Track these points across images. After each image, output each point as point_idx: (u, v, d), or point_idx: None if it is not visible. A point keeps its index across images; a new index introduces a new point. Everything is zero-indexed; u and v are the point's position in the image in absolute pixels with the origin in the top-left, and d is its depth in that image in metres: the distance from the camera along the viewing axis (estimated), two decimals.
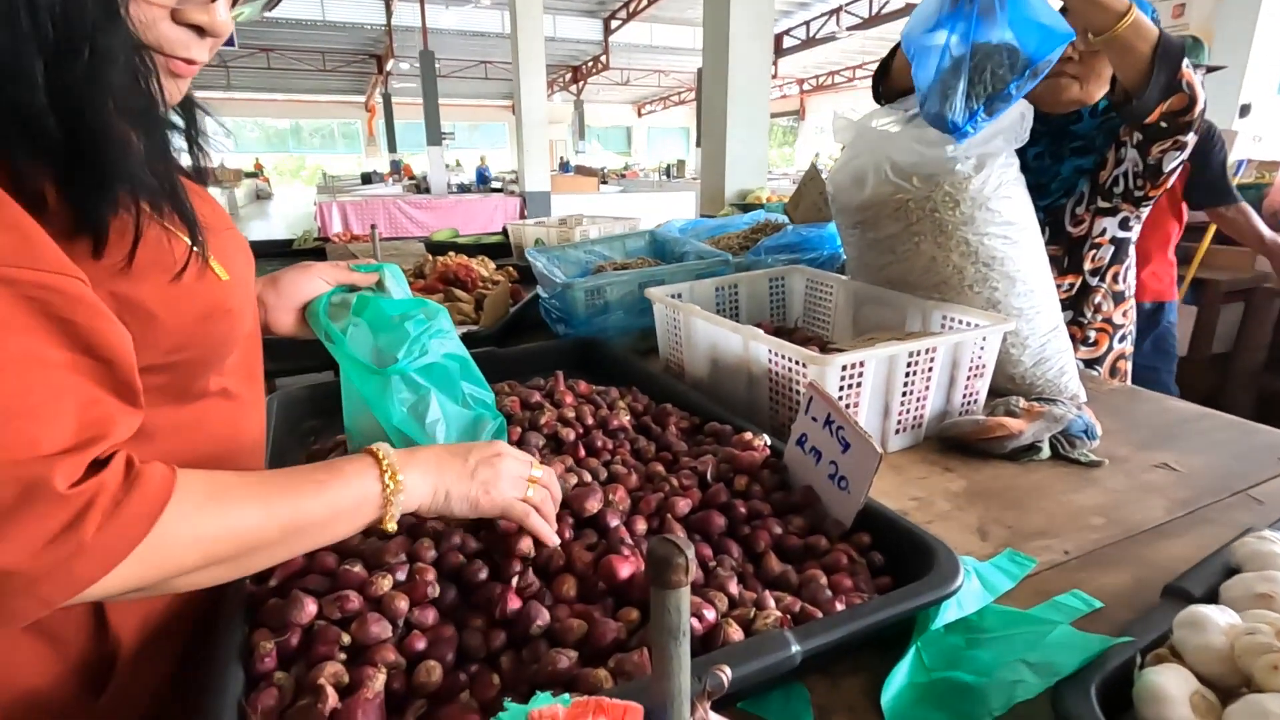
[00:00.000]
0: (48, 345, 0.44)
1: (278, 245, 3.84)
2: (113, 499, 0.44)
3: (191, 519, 0.47)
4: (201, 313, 0.57)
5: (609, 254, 1.86)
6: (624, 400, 1.03)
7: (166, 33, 0.52)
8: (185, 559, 0.48)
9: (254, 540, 0.51)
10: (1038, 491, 0.91)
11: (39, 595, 0.42)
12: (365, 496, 0.56)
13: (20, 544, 0.40)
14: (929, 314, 1.14)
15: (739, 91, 4.34)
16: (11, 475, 0.41)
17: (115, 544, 0.44)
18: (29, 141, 0.44)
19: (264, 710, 0.50)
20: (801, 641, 0.53)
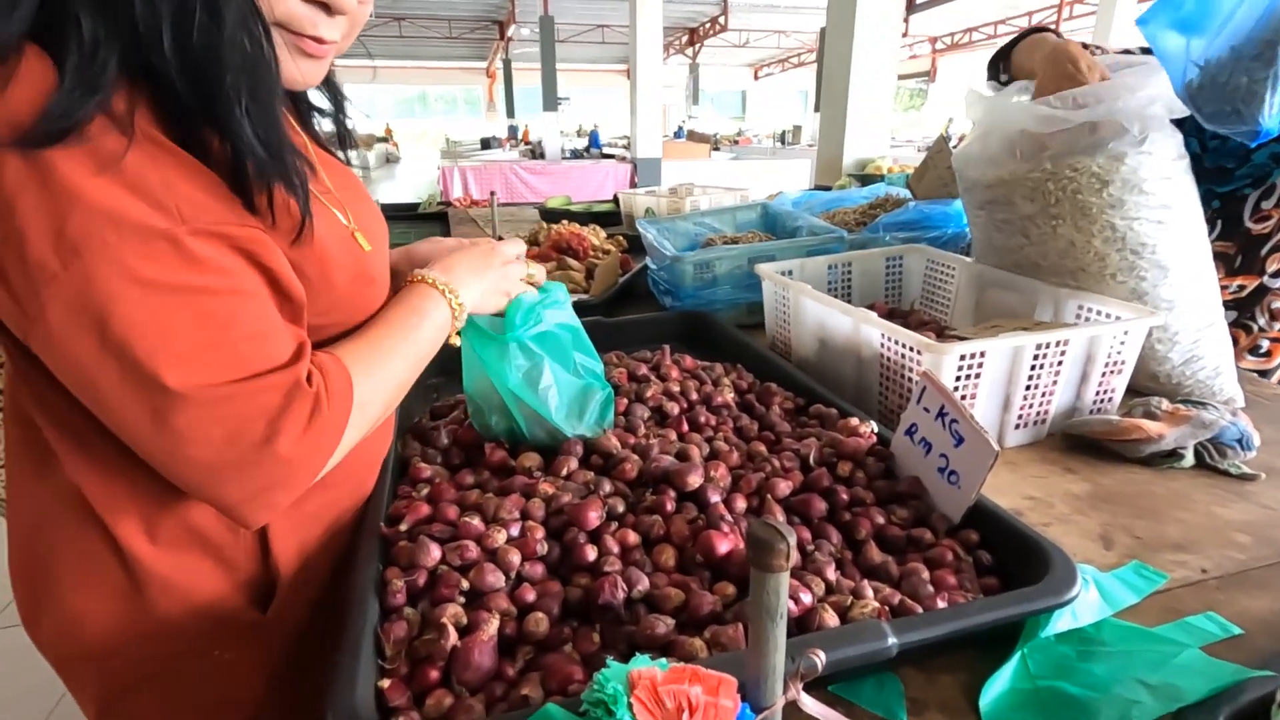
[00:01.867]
0: (261, 286, 0.54)
1: (405, 209, 4.09)
2: (324, 388, 0.55)
3: (366, 385, 0.60)
4: (349, 279, 0.63)
5: (719, 226, 1.85)
6: (728, 377, 1.04)
7: (294, 9, 0.54)
8: (374, 411, 0.61)
9: (403, 380, 0.66)
10: (1175, 502, 0.84)
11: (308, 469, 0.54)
12: (444, 321, 0.70)
13: (293, 435, 0.51)
14: (1062, 303, 1.06)
15: (864, 52, 4.11)
16: (278, 381, 0.51)
17: (339, 418, 0.56)
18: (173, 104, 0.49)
19: (395, 639, 0.56)
20: (899, 634, 0.53)
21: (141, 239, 0.46)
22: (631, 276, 1.76)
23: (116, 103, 0.47)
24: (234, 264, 0.51)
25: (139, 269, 0.46)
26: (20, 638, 0.68)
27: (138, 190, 0.46)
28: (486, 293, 0.76)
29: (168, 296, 0.47)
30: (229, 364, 0.50)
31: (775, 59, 20.60)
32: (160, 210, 0.47)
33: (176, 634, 0.62)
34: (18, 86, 0.44)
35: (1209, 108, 0.90)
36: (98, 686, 0.65)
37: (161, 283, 0.47)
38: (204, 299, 0.49)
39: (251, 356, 0.51)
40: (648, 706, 0.42)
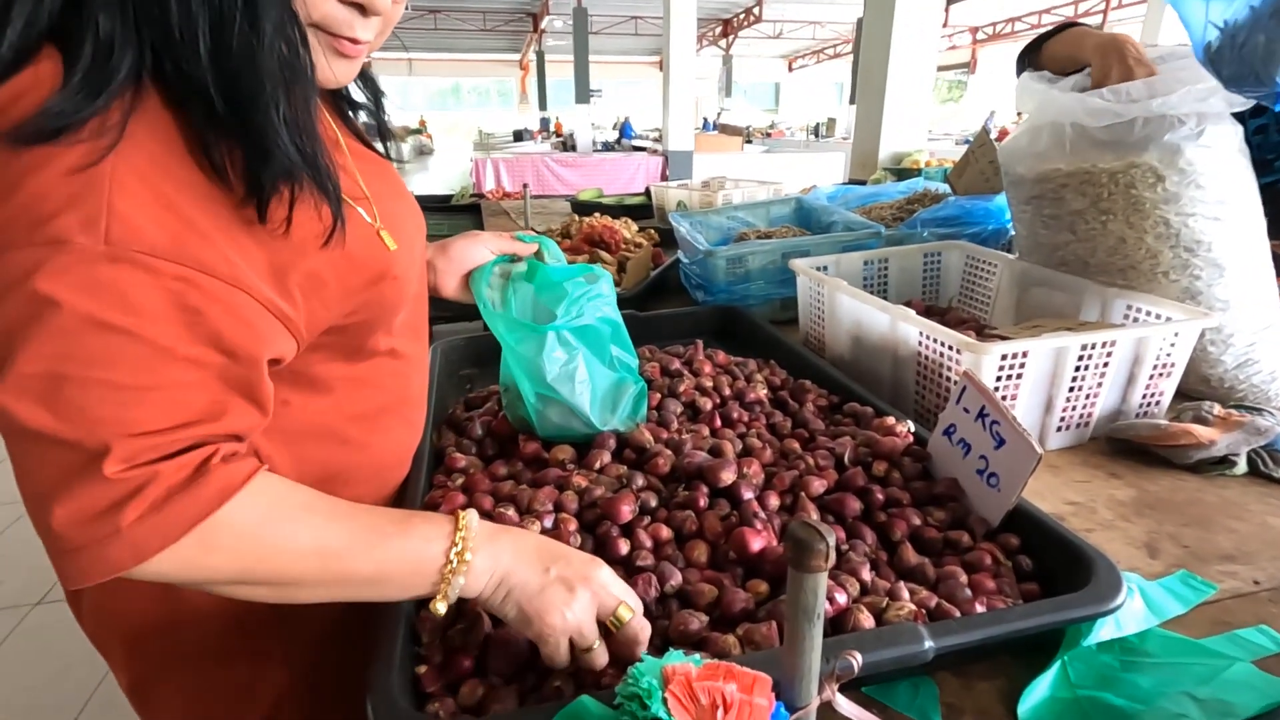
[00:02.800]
0: (173, 333, 0.46)
1: (438, 200, 4.12)
2: (165, 491, 0.45)
3: (237, 533, 0.48)
4: (368, 279, 0.61)
5: (752, 221, 1.83)
6: (761, 373, 1.03)
7: (332, 11, 0.53)
8: (220, 571, 0.48)
9: (293, 575, 0.50)
10: (1227, 510, 0.81)
11: (78, 566, 0.44)
12: (422, 565, 0.52)
13: (68, 512, 0.43)
14: (1110, 302, 1.02)
15: (903, 42, 4.01)
16: (81, 442, 0.44)
17: (150, 537, 0.45)
18: (204, 111, 0.48)
19: (430, 627, 0.57)
20: (935, 638, 0.52)
21: (56, 248, 0.43)
22: (664, 270, 1.76)
23: (115, 109, 0.46)
24: (148, 304, 0.45)
25: (33, 277, 0.43)
26: (65, 613, 0.71)
27: (75, 202, 0.44)
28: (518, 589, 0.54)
29: (46, 312, 0.43)
30: (59, 403, 0.43)
31: (810, 50, 20.30)
32: (89, 227, 0.44)
33: (204, 621, 0.64)
34: (37, 83, 0.44)
35: (1228, 70, 0.86)
36: (130, 667, 0.68)
37: (46, 297, 0.43)
38: (84, 328, 0.44)
39: (88, 406, 0.44)
40: (682, 702, 0.42)
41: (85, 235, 0.44)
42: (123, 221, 0.45)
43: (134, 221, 0.45)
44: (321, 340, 0.60)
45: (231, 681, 0.68)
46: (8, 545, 2.41)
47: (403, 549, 0.53)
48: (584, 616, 0.53)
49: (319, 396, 0.64)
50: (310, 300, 0.56)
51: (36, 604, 2.13)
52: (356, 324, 0.63)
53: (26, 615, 2.09)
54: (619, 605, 0.54)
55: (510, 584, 0.54)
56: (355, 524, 0.52)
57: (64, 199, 0.44)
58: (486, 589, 0.54)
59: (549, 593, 0.53)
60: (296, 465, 0.63)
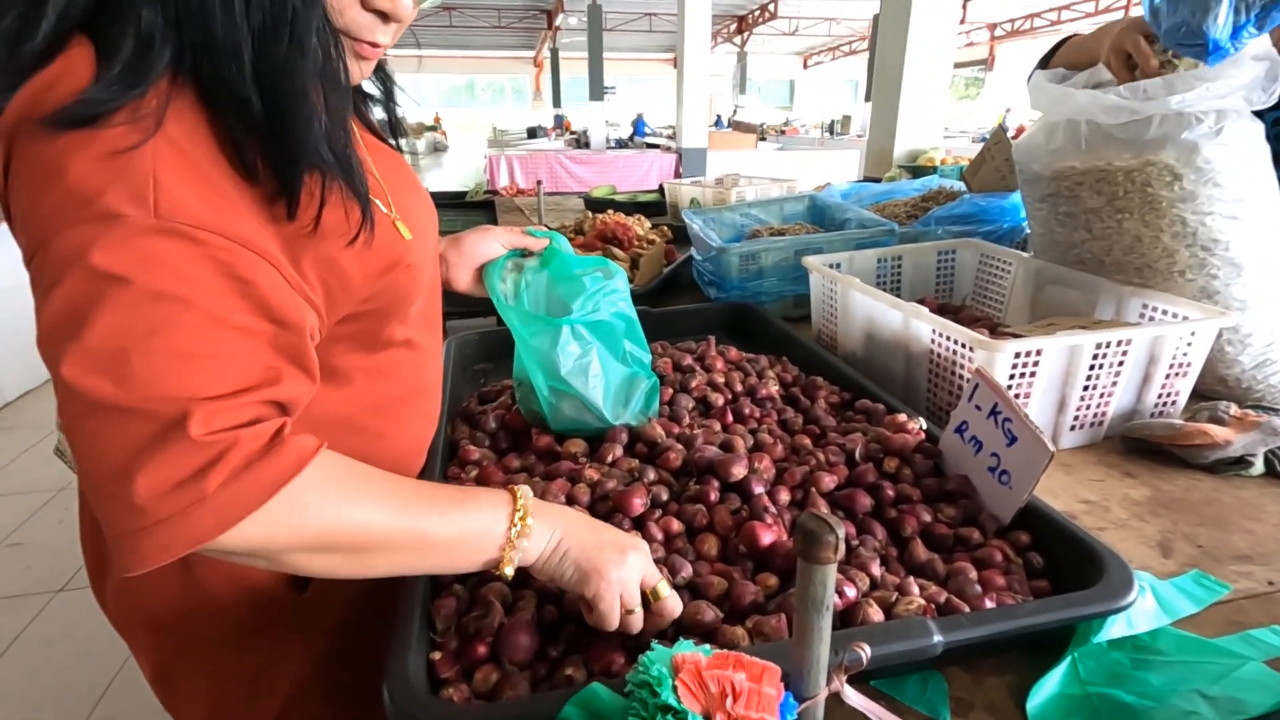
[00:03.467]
0: (226, 302, 0.47)
1: (452, 196, 4.15)
2: (245, 458, 0.45)
3: (317, 499, 0.48)
4: (384, 267, 0.62)
5: (765, 218, 1.83)
6: (773, 370, 1.03)
7: (355, 18, 0.55)
8: (302, 535, 0.48)
9: (373, 538, 0.50)
10: (1243, 511, 0.81)
11: (158, 541, 0.43)
12: (491, 531, 0.54)
13: (151, 481, 0.42)
14: (1125, 301, 1.02)
15: (919, 39, 3.98)
16: (156, 410, 0.43)
17: (235, 503, 0.44)
18: (239, 115, 0.49)
19: (446, 614, 0.58)
20: (944, 633, 0.53)
21: (107, 223, 0.44)
22: (676, 267, 1.76)
23: (151, 98, 0.47)
24: (200, 274, 0.47)
25: (92, 251, 0.44)
26: (87, 600, 0.72)
27: (123, 177, 0.45)
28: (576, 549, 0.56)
29: (105, 285, 0.44)
30: (128, 375, 0.44)
31: (825, 47, 20.17)
32: (136, 200, 0.45)
33: (223, 609, 0.65)
34: (71, 72, 0.46)
35: (1167, 23, 0.86)
36: (152, 653, 0.69)
37: (104, 270, 0.44)
38: (141, 298, 0.44)
39: (156, 375, 0.44)
40: (692, 690, 0.42)
41: (135, 208, 0.45)
42: (169, 195, 0.46)
43: (179, 195, 0.46)
44: (340, 330, 0.61)
45: (250, 669, 0.69)
46: (33, 532, 2.46)
47: (474, 515, 0.54)
48: (632, 578, 0.56)
49: (339, 388, 0.65)
50: (327, 284, 0.57)
51: (59, 590, 2.17)
52: (372, 311, 0.64)
53: (50, 601, 2.13)
54: (659, 580, 0.57)
55: (567, 545, 0.56)
56: (425, 492, 0.54)
57: (111, 176, 0.45)
58: (545, 551, 0.56)
59: (605, 551, 0.56)
60: None
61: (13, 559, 2.34)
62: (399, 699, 0.49)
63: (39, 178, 0.45)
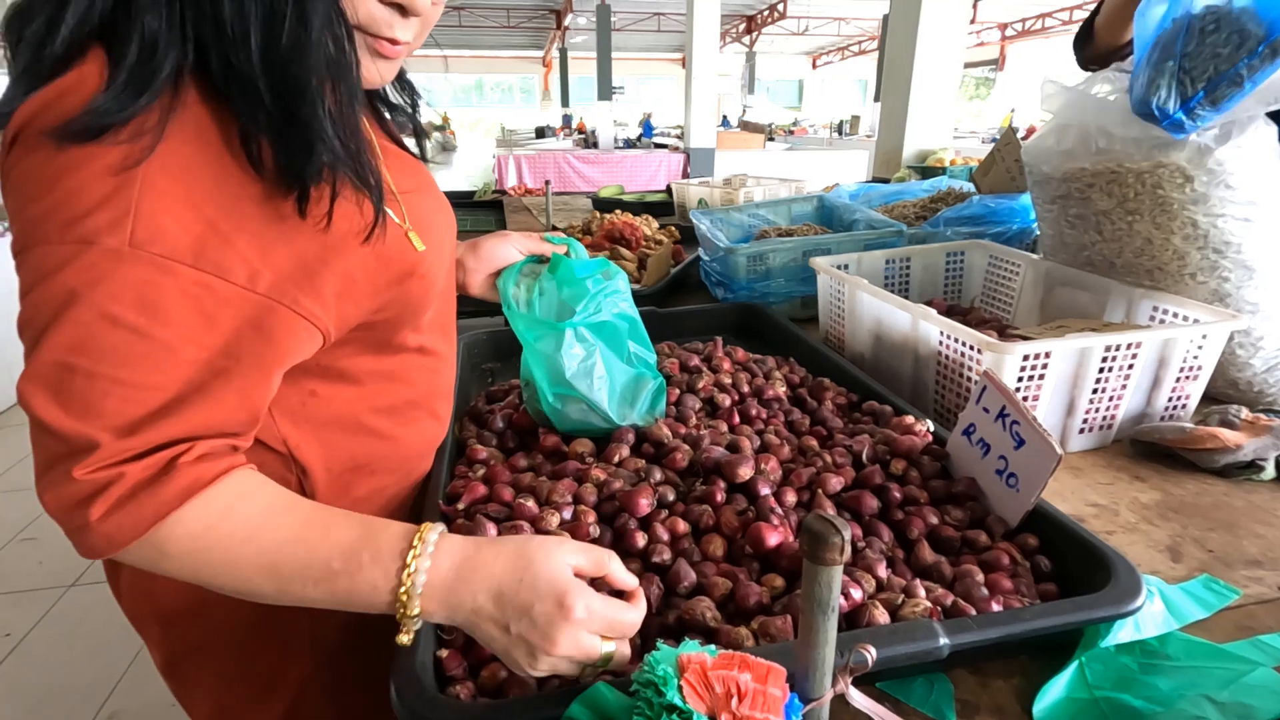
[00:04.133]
0: (183, 335, 0.48)
1: (461, 196, 4.16)
2: (130, 489, 0.47)
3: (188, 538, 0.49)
4: (396, 277, 0.62)
5: (774, 218, 1.83)
6: (780, 371, 1.03)
7: (371, 11, 0.54)
8: (176, 571, 0.50)
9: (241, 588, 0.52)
10: (1254, 516, 0.80)
11: (75, 542, 0.48)
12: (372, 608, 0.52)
13: (53, 498, 0.47)
14: (1136, 303, 1.01)
15: (929, 39, 3.97)
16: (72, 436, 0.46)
17: (117, 532, 0.47)
18: (246, 104, 0.50)
19: None
20: (951, 635, 0.52)
21: (79, 246, 0.45)
22: (684, 267, 1.76)
23: (156, 109, 0.47)
24: (169, 306, 0.47)
25: (60, 272, 0.45)
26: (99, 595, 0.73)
27: (107, 201, 0.46)
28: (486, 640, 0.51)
29: (67, 307, 0.45)
30: (66, 397, 0.46)
31: (834, 47, 20.12)
32: (117, 226, 0.46)
33: (235, 608, 0.64)
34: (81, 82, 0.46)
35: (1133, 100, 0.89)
36: (164, 645, 0.70)
37: (70, 292, 0.45)
38: (99, 325, 0.46)
39: (89, 401, 0.46)
40: (697, 690, 0.43)
41: (112, 236, 0.46)
42: (147, 223, 0.46)
43: (158, 223, 0.47)
44: (349, 335, 0.62)
45: (259, 666, 0.70)
46: (46, 527, 2.49)
47: (350, 590, 0.51)
48: (556, 666, 0.50)
49: (347, 388, 0.66)
50: (342, 299, 0.57)
51: (71, 585, 2.20)
52: (384, 321, 0.64)
53: (62, 597, 2.15)
54: (597, 655, 0.50)
55: (477, 634, 0.52)
56: (306, 553, 0.51)
57: (97, 199, 0.46)
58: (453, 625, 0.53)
59: (513, 653, 0.50)
60: (325, 452, 0.65)
61: (26, 554, 2.36)
62: (406, 696, 0.49)
63: (33, 186, 0.46)
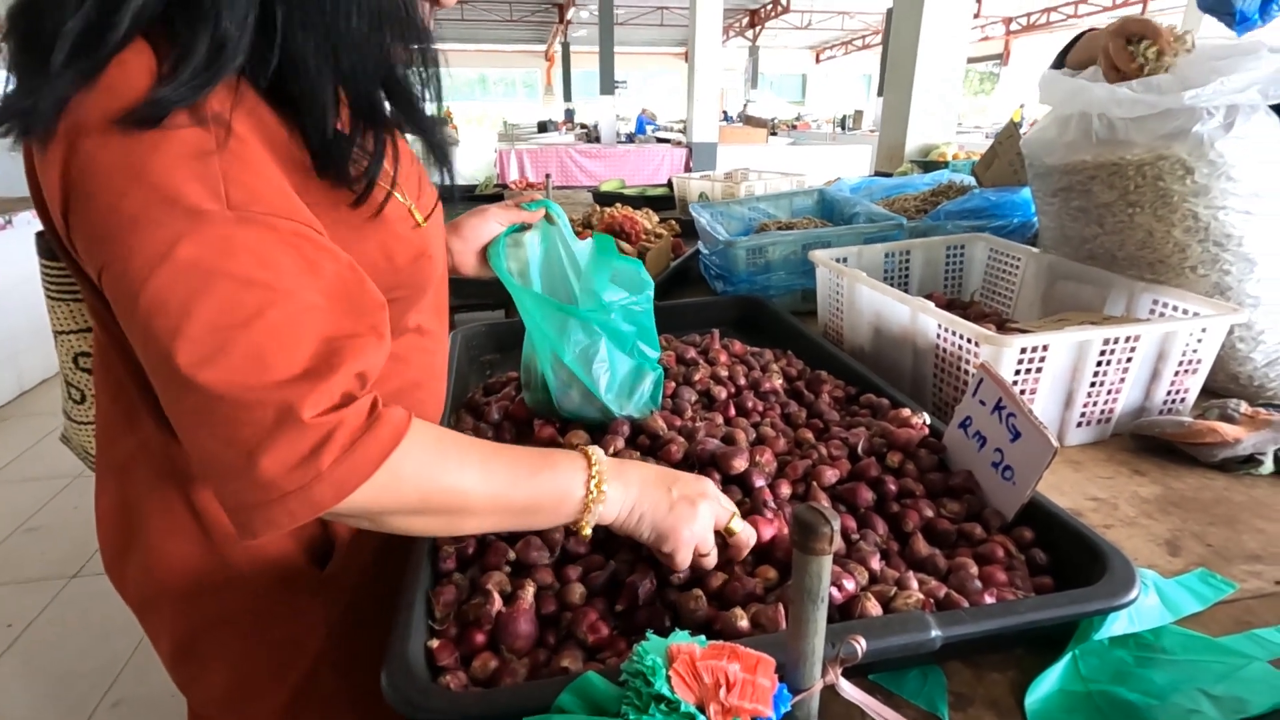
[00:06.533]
0: (306, 283, 0.50)
1: (463, 190, 4.15)
2: (351, 434, 0.48)
3: (417, 466, 0.51)
4: (410, 257, 0.64)
5: (774, 212, 1.82)
6: (778, 364, 1.03)
7: None
8: (406, 499, 0.52)
9: (463, 502, 0.54)
10: (1254, 510, 0.80)
11: (288, 508, 0.47)
12: (568, 495, 0.57)
13: (276, 461, 0.46)
14: (1137, 296, 1.00)
15: (933, 33, 3.94)
16: (271, 398, 0.46)
17: (348, 476, 0.48)
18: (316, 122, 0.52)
19: (445, 602, 0.58)
20: (943, 627, 0.52)
21: (189, 219, 0.47)
22: (684, 261, 1.76)
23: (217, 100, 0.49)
24: (282, 259, 0.50)
25: (179, 247, 0.46)
26: (101, 585, 0.73)
27: (197, 174, 0.47)
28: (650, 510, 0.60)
29: (197, 278, 0.47)
30: (241, 361, 0.47)
31: (838, 41, 20.02)
32: (213, 195, 0.47)
33: (247, 582, 0.67)
34: (131, 73, 0.47)
35: None
36: (176, 625, 0.70)
37: (194, 264, 0.47)
38: (234, 287, 0.47)
39: (268, 358, 0.47)
40: (685, 680, 0.42)
41: (213, 203, 0.47)
42: (240, 186, 0.49)
43: (249, 184, 0.49)
44: None
45: (273, 640, 0.70)
46: (50, 517, 2.50)
47: (552, 482, 0.57)
48: (705, 528, 0.60)
49: None
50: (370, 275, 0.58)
51: (73, 576, 2.21)
52: (396, 300, 0.65)
53: (64, 587, 2.16)
54: (731, 516, 0.62)
55: (642, 509, 0.60)
56: (510, 459, 0.57)
57: (188, 174, 0.47)
58: (621, 514, 0.59)
59: (677, 510, 0.59)
60: None
61: (30, 544, 2.37)
62: (398, 685, 0.49)
63: (117, 180, 0.47)
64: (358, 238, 0.58)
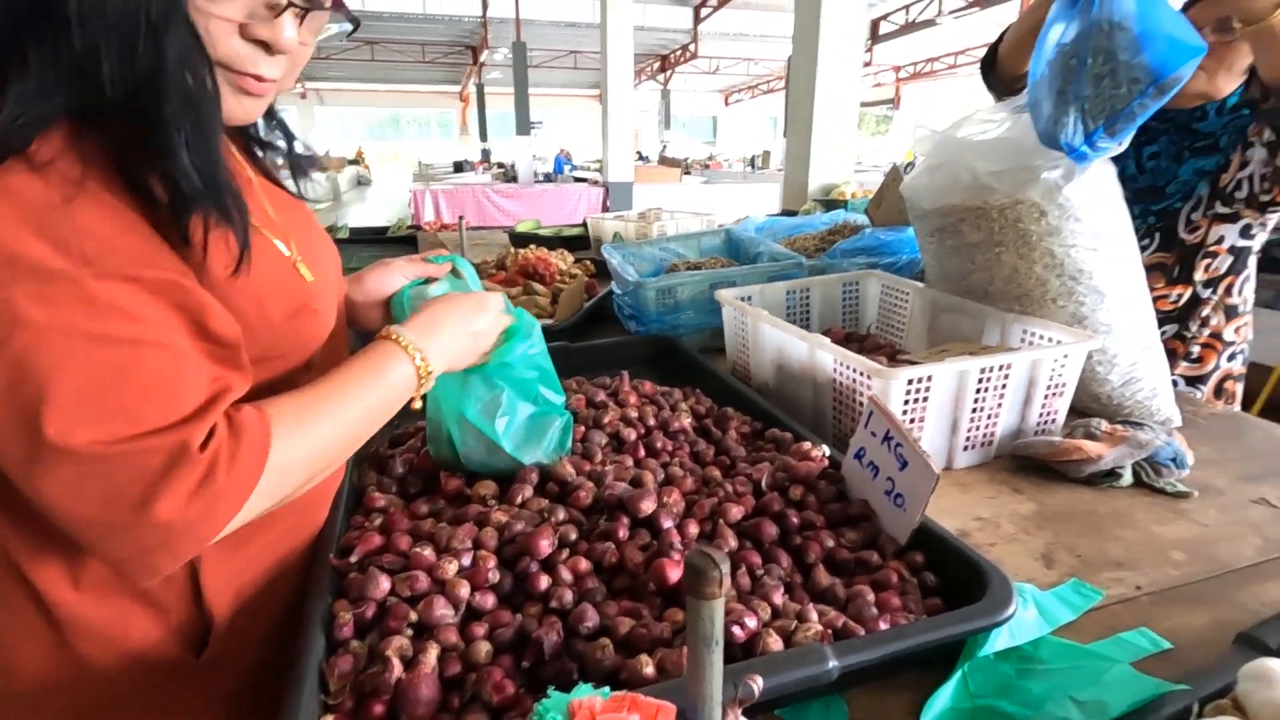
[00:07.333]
0: (174, 329, 0.51)
1: (374, 232, 4.06)
2: (229, 449, 0.51)
3: (291, 447, 0.55)
4: (290, 312, 0.62)
5: (684, 252, 1.88)
6: (686, 402, 1.05)
7: (235, 48, 0.54)
8: (295, 477, 0.56)
9: (342, 445, 0.61)
10: (1116, 520, 0.87)
11: (194, 537, 0.50)
12: (406, 383, 0.66)
13: (174, 499, 0.48)
14: (1008, 327, 1.09)
15: (827, 81, 4.23)
16: (160, 443, 0.48)
17: (241, 484, 0.51)
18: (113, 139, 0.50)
19: (340, 673, 0.56)
20: (839, 657, 0.54)
21: (39, 280, 0.45)
22: (600, 301, 1.78)
23: (44, 141, 0.47)
24: (144, 310, 0.49)
25: (31, 311, 0.44)
26: None
27: (42, 230, 0.45)
28: (463, 352, 0.72)
29: (61, 340, 0.45)
30: (114, 419, 0.47)
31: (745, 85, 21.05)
32: (63, 251, 0.46)
33: (108, 680, 0.61)
34: None
35: (1038, 128, 0.97)
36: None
37: (56, 326, 0.45)
38: (100, 346, 0.47)
39: (141, 412, 0.48)
40: None
41: (64, 259, 0.46)
42: (93, 239, 0.47)
43: (102, 236, 0.48)
44: None
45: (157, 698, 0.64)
46: None
47: (387, 387, 0.65)
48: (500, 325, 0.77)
49: None
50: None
51: None
52: (276, 358, 0.62)
53: None
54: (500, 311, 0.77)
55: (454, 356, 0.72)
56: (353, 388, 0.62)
57: (29, 229, 0.45)
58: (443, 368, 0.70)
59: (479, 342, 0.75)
60: None
61: None
62: None
63: None
64: (226, 287, 0.56)
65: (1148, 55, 0.90)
